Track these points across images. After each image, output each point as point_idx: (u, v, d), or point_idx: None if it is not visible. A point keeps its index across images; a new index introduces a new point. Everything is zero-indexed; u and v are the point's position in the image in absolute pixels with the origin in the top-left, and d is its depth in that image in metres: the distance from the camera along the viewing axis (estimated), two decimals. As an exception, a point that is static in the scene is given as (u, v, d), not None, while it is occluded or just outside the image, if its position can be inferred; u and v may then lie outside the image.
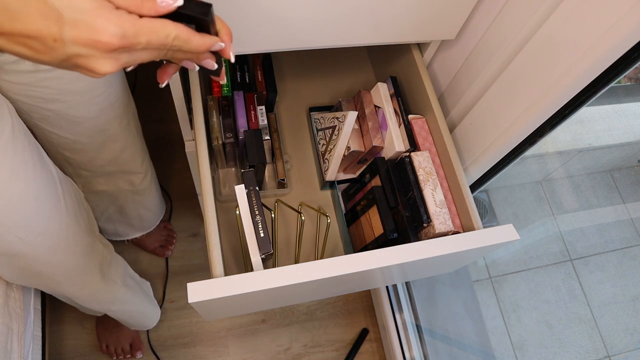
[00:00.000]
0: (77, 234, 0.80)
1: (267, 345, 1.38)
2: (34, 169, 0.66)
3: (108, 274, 0.95)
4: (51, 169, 0.73)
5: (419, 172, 0.74)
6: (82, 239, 0.82)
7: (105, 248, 0.95)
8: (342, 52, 1.06)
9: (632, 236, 1.75)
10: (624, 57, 0.51)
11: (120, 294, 1.01)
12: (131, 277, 1.13)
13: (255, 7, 0.60)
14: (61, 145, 0.84)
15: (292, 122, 0.96)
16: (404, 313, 1.32)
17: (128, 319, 1.15)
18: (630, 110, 1.60)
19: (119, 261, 1.04)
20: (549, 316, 1.55)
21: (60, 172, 0.77)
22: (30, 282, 0.88)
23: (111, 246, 1.00)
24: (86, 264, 0.85)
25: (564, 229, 1.71)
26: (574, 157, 1.72)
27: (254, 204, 0.66)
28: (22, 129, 0.65)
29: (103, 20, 0.35)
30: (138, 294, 1.13)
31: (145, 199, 1.14)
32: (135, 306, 1.12)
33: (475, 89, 0.74)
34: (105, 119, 0.82)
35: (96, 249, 0.89)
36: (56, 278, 0.83)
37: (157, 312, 1.29)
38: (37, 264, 0.75)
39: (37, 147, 0.69)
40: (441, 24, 0.71)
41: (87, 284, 0.90)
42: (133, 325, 1.22)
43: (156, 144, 1.52)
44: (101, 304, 1.01)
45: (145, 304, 1.18)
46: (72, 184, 0.83)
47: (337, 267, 0.59)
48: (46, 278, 0.83)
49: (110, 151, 0.91)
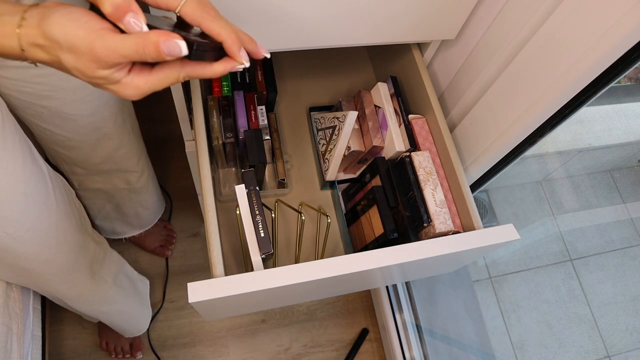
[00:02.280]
0: (68, 231, 0.80)
1: (267, 345, 1.38)
2: (24, 164, 0.66)
3: (99, 273, 0.95)
4: (41, 165, 0.73)
5: (419, 172, 0.74)
6: (72, 236, 0.82)
7: (98, 246, 0.94)
8: (342, 52, 1.06)
9: (632, 236, 1.75)
10: (624, 57, 0.51)
11: (111, 294, 1.01)
12: (126, 276, 1.12)
13: (256, 8, 0.60)
14: (55, 142, 0.84)
15: (292, 122, 0.96)
16: (404, 313, 1.32)
17: (120, 322, 1.14)
18: (630, 110, 1.60)
19: (113, 259, 1.03)
20: (549, 316, 1.55)
21: (51, 169, 0.77)
22: (21, 281, 0.88)
23: (105, 244, 0.99)
24: (76, 262, 0.85)
25: (564, 229, 1.71)
26: (574, 157, 1.72)
27: (254, 204, 0.66)
28: (13, 124, 0.65)
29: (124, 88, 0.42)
30: (130, 293, 1.12)
31: (142, 197, 1.13)
32: (126, 306, 1.11)
33: (475, 89, 0.74)
34: (99, 117, 0.82)
35: (87, 247, 0.89)
36: (45, 276, 0.83)
37: (148, 314, 1.28)
38: (25, 261, 0.75)
39: (28, 143, 0.69)
40: (441, 23, 0.71)
41: (77, 283, 0.90)
42: (126, 331, 1.20)
43: (156, 144, 1.52)
44: (92, 304, 1.00)
45: (135, 304, 1.17)
46: (64, 182, 0.83)
47: (337, 267, 0.59)
48: (36, 276, 0.82)
49: (105, 149, 0.91)
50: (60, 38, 0.38)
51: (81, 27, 0.38)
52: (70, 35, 0.38)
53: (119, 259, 1.08)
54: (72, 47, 0.38)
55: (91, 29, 0.38)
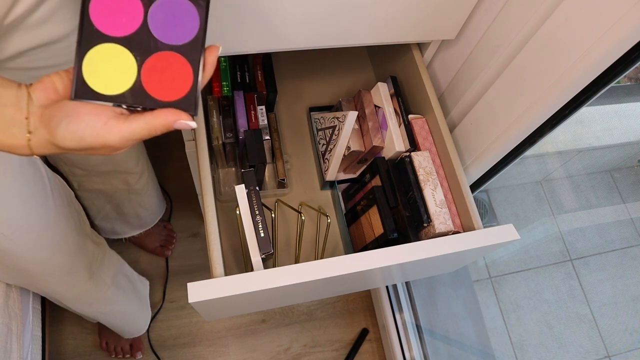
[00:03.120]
0: (66, 232, 0.80)
1: (267, 345, 1.38)
2: (21, 165, 0.66)
3: (97, 274, 0.94)
4: (39, 167, 0.72)
5: (419, 172, 0.74)
6: (70, 237, 0.81)
7: (97, 247, 0.94)
8: (342, 52, 1.06)
9: (632, 236, 1.75)
10: (624, 57, 0.51)
11: (109, 294, 1.01)
12: (126, 276, 1.12)
13: (256, 7, 0.60)
14: None
15: (292, 122, 0.96)
16: (404, 313, 1.32)
17: (119, 323, 1.14)
18: (630, 110, 1.60)
19: (112, 259, 1.03)
20: (549, 316, 1.55)
21: (50, 170, 0.77)
22: (19, 282, 0.88)
23: (104, 244, 0.99)
24: (74, 263, 0.85)
25: (564, 229, 1.71)
26: (574, 157, 1.72)
27: (254, 204, 0.66)
28: None
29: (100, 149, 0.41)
30: (129, 294, 1.12)
31: (142, 198, 1.13)
32: (125, 307, 1.11)
33: (475, 88, 0.74)
34: None
35: (86, 248, 0.88)
36: (43, 277, 0.83)
37: (147, 315, 1.28)
38: (23, 262, 0.75)
39: None
40: (441, 23, 0.71)
41: (75, 284, 0.89)
42: (126, 332, 1.20)
43: (156, 144, 1.52)
44: (91, 305, 1.00)
45: (135, 305, 1.17)
46: (62, 183, 0.83)
47: (337, 267, 0.59)
48: (34, 277, 0.82)
49: None
50: (74, 147, 0.39)
51: (87, 133, 0.38)
52: (83, 142, 0.39)
53: (118, 260, 1.08)
54: (87, 148, 0.40)
55: (96, 130, 0.39)
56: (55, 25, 0.57)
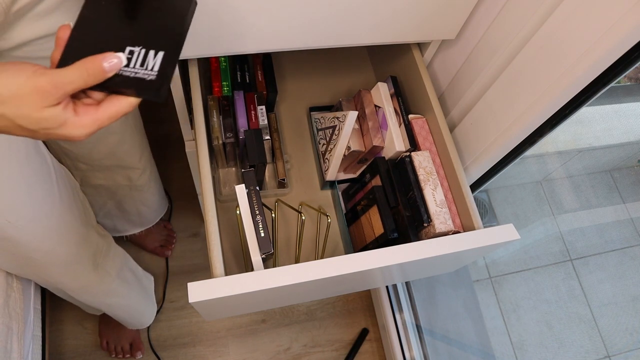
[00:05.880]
0: (70, 222, 0.80)
1: (267, 345, 1.38)
2: (27, 155, 0.66)
3: (102, 265, 0.95)
4: (46, 157, 0.73)
5: (419, 172, 0.74)
6: (75, 228, 0.82)
7: (102, 239, 0.95)
8: (342, 52, 1.06)
9: (632, 236, 1.75)
10: (624, 57, 0.51)
11: (114, 286, 1.01)
12: (131, 271, 1.12)
13: (256, 7, 0.60)
14: None
15: (292, 122, 0.96)
16: (404, 313, 1.32)
17: (123, 315, 1.14)
18: (630, 110, 1.59)
19: (118, 253, 1.04)
20: (549, 316, 1.55)
21: (56, 161, 0.77)
22: (23, 271, 0.88)
23: (110, 237, 0.99)
24: (78, 253, 0.85)
25: (563, 229, 1.71)
26: (574, 157, 1.72)
27: (255, 204, 0.66)
28: None
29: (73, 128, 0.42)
30: (134, 287, 1.12)
31: (144, 195, 1.14)
32: (130, 300, 1.12)
33: (475, 88, 0.74)
34: None
35: (90, 239, 0.89)
36: (47, 267, 0.83)
37: (153, 309, 1.28)
38: (27, 250, 0.75)
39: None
40: (441, 23, 0.71)
41: (79, 275, 0.90)
42: (130, 323, 1.21)
43: (157, 143, 1.51)
44: (95, 296, 1.00)
45: (140, 298, 1.18)
46: (68, 174, 0.83)
47: (337, 267, 0.59)
48: (38, 267, 0.82)
49: (107, 144, 0.91)
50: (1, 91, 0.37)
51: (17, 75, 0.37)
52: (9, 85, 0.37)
53: (123, 254, 1.08)
54: (14, 96, 0.37)
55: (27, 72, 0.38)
56: (62, 15, 0.57)
